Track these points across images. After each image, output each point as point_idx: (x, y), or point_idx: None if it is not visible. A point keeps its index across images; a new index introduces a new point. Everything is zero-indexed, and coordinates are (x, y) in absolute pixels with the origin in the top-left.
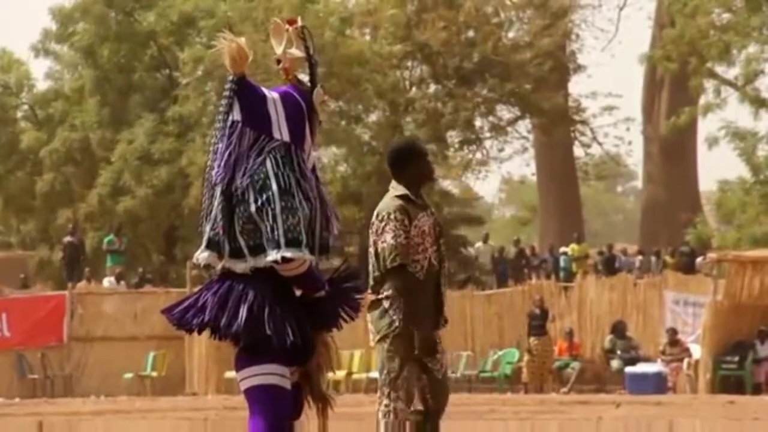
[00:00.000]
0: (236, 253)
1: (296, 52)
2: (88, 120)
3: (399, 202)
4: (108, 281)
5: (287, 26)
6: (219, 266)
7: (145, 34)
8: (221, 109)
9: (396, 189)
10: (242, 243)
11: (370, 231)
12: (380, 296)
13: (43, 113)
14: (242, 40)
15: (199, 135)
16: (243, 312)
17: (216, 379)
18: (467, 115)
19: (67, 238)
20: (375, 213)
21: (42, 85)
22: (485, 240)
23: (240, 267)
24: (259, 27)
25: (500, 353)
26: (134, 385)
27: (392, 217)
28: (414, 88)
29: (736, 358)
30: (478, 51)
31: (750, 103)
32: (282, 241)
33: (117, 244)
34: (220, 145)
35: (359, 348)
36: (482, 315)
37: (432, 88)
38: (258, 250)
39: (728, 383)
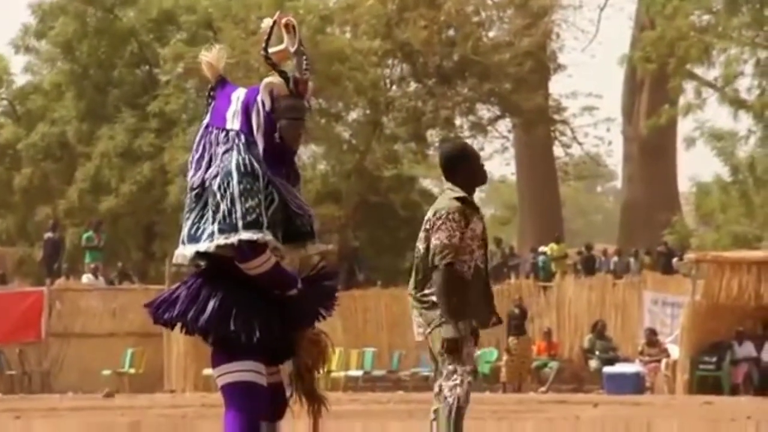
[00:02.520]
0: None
1: (279, 46)
2: (66, 115)
3: (458, 203)
4: (86, 278)
5: (274, 23)
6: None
7: (125, 30)
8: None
9: (454, 191)
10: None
11: (424, 227)
12: (426, 292)
13: (22, 108)
14: (215, 50)
15: (180, 132)
16: (210, 307)
17: (194, 376)
18: (447, 114)
19: (48, 234)
20: (433, 210)
21: (21, 79)
22: None
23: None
24: (238, 23)
25: (479, 352)
26: (112, 382)
27: (450, 217)
28: (394, 87)
29: (714, 359)
30: (458, 50)
31: (729, 104)
32: (240, 224)
33: (96, 241)
34: (193, 151)
35: (337, 346)
36: None
37: (412, 86)
38: (212, 235)
39: (706, 384)
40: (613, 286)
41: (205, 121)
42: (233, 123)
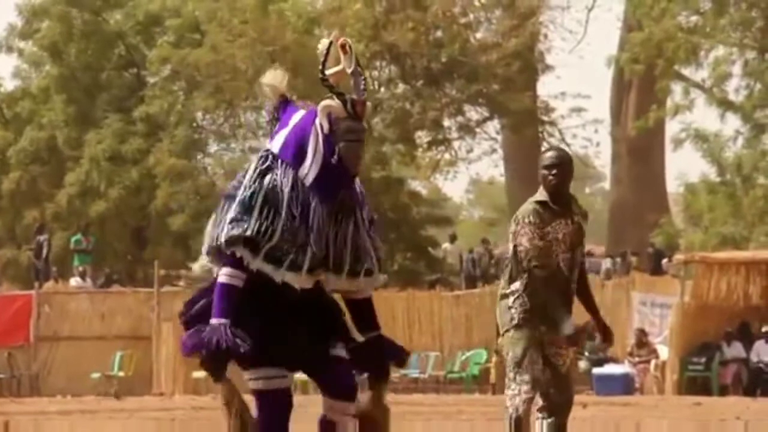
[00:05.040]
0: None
1: (336, 67)
2: (54, 119)
3: (533, 206)
4: (75, 281)
5: (330, 44)
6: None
7: (112, 33)
8: None
9: (537, 195)
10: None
11: (509, 233)
12: (507, 291)
13: (11, 112)
14: (277, 73)
15: (166, 135)
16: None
17: (183, 380)
18: (435, 115)
19: (41, 237)
20: (513, 217)
21: (9, 84)
22: (452, 240)
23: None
24: (224, 27)
25: (468, 354)
26: (101, 385)
27: (526, 221)
28: (382, 89)
29: (703, 360)
30: (446, 51)
31: (717, 106)
32: (225, 229)
33: (84, 244)
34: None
35: None
36: (450, 316)
37: (400, 88)
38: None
39: (695, 384)
40: (601, 287)
41: (267, 143)
42: (279, 146)
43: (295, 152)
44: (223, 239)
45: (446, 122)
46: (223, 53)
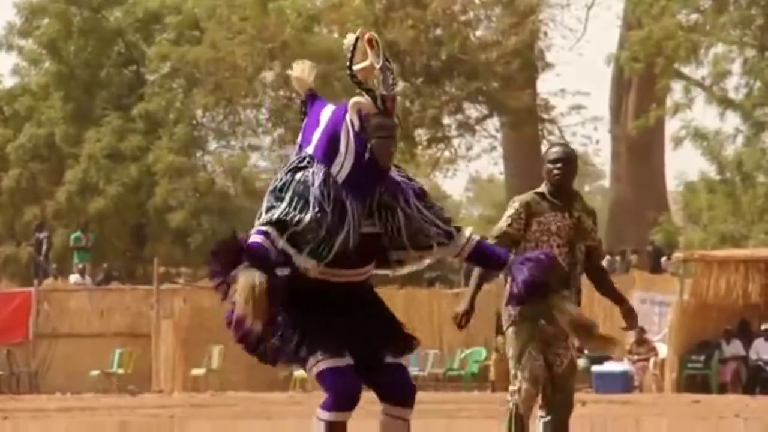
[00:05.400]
0: None
1: (363, 63)
2: (54, 116)
3: (528, 196)
4: (74, 278)
5: (357, 38)
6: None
7: (112, 30)
8: None
9: (542, 186)
10: None
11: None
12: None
13: (10, 109)
14: (304, 65)
15: (165, 133)
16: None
17: (182, 377)
18: (435, 113)
19: (40, 234)
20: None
21: (9, 81)
22: None
23: None
24: (223, 24)
25: (468, 352)
26: (100, 382)
27: (514, 206)
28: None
29: (702, 358)
30: (445, 49)
31: (717, 104)
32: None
33: (84, 241)
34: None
35: None
36: (450, 314)
37: (400, 85)
38: None
39: (694, 382)
40: None
41: (298, 140)
42: (312, 145)
43: (327, 150)
44: (257, 224)
45: (446, 120)
46: (223, 50)
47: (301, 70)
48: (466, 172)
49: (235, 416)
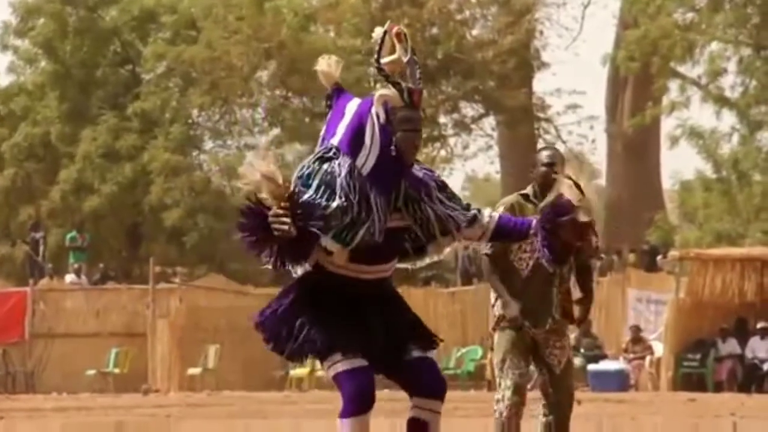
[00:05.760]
0: None
1: (391, 56)
2: (49, 115)
3: (513, 198)
4: (70, 278)
5: (385, 32)
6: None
7: (108, 29)
8: None
9: (528, 187)
10: None
11: None
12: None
13: (5, 108)
14: (331, 60)
15: (161, 132)
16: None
17: (178, 376)
18: (431, 112)
19: (36, 234)
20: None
21: (4, 80)
22: None
23: None
24: (220, 23)
25: (464, 350)
26: (96, 382)
27: (499, 210)
28: (378, 85)
29: (698, 356)
30: (442, 48)
31: (713, 102)
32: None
33: (80, 241)
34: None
35: None
36: (446, 312)
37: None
38: None
39: (690, 381)
40: (597, 284)
41: (322, 132)
42: (338, 137)
43: (352, 142)
44: None
45: (442, 119)
46: (219, 50)
47: (328, 65)
48: (462, 171)
49: (231, 416)
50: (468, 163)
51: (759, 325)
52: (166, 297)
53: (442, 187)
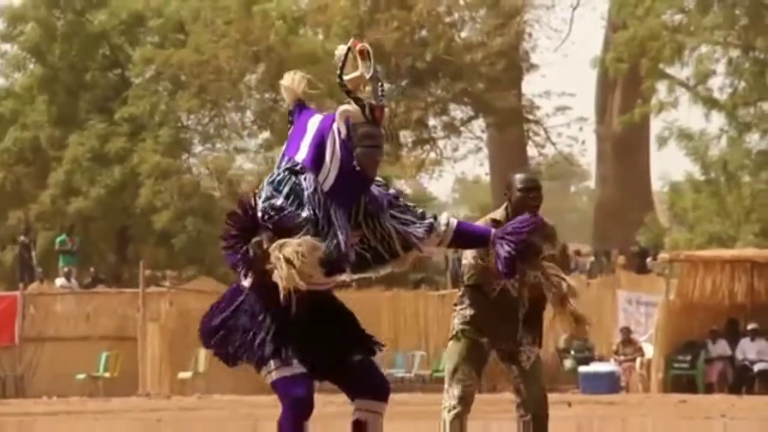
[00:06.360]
0: None
1: (354, 73)
2: (38, 119)
3: (488, 223)
4: (60, 281)
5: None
6: None
7: (96, 33)
8: None
9: (494, 213)
10: None
11: None
12: (456, 303)
13: None
14: (294, 75)
15: (150, 135)
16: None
17: (169, 380)
18: (420, 114)
19: (23, 238)
20: None
21: None
22: None
23: None
24: (208, 27)
25: None
26: (87, 386)
27: None
28: (367, 88)
29: (688, 358)
30: (431, 50)
31: (703, 104)
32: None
33: (69, 244)
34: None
35: None
36: (436, 315)
37: (385, 87)
38: None
39: (680, 382)
40: (587, 286)
41: (284, 148)
42: (301, 154)
43: (314, 158)
44: (259, 211)
45: (431, 121)
46: (207, 53)
47: (291, 80)
48: (452, 174)
49: (222, 420)
50: (457, 165)
51: (749, 327)
52: (156, 300)
53: (396, 200)
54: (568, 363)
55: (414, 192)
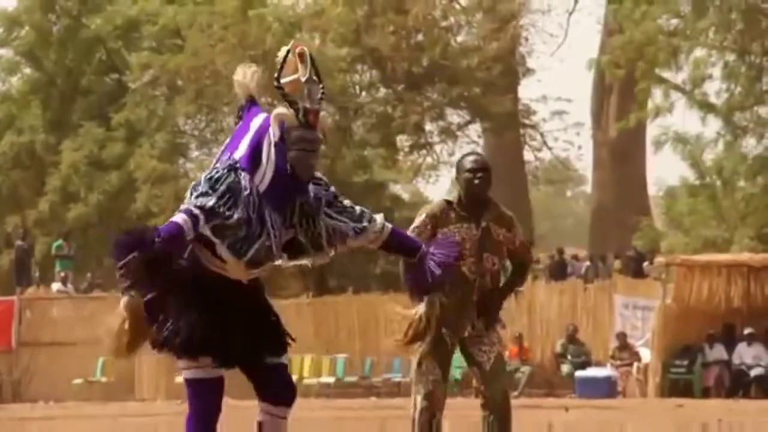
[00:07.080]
0: None
1: (291, 76)
2: (35, 124)
3: (436, 206)
4: (57, 286)
5: (289, 52)
6: None
7: (92, 38)
8: None
9: (450, 194)
10: None
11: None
12: None
13: None
14: (248, 70)
15: (147, 140)
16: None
17: (166, 385)
18: (417, 119)
19: (21, 243)
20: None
21: None
22: None
23: None
24: (204, 32)
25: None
26: (83, 391)
27: (421, 217)
28: (363, 93)
29: (685, 362)
30: (427, 55)
31: (698, 108)
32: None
33: (66, 249)
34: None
35: (309, 353)
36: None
37: (381, 92)
38: None
39: (677, 387)
40: (584, 291)
41: (227, 142)
42: (240, 152)
43: (251, 158)
44: (186, 203)
45: (428, 126)
46: (204, 58)
47: (243, 74)
48: (448, 178)
49: (218, 424)
50: (454, 170)
51: (746, 331)
52: None
53: (335, 199)
54: (565, 368)
55: (411, 197)
